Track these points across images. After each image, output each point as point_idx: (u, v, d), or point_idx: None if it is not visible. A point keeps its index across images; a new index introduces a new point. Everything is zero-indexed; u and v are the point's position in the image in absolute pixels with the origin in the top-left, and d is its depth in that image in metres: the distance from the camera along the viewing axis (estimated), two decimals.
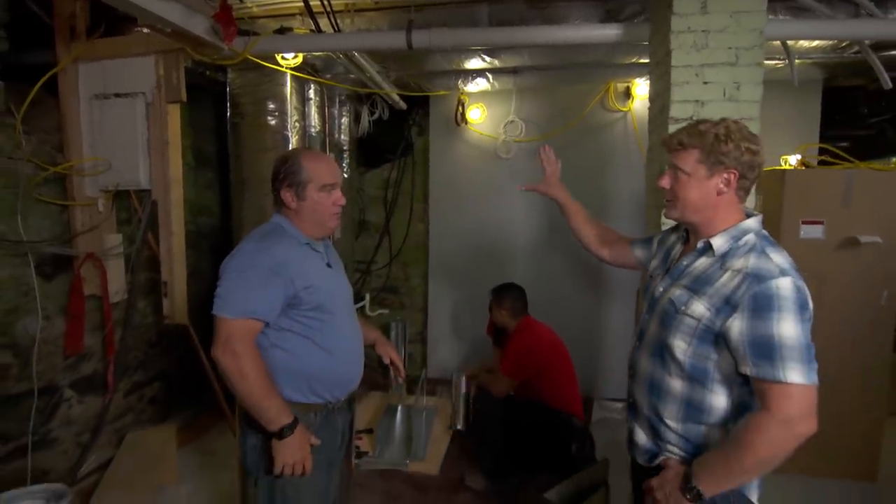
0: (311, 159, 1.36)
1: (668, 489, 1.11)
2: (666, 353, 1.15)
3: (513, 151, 3.50)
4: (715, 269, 1.10)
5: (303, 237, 1.37)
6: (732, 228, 1.11)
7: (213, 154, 3.38)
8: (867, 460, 2.62)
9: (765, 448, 1.00)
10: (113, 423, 2.64)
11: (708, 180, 1.10)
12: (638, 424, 1.25)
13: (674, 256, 1.26)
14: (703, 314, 1.07)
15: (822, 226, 2.58)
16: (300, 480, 1.32)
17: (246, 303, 1.24)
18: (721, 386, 1.10)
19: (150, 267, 2.71)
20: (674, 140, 1.14)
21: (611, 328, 3.47)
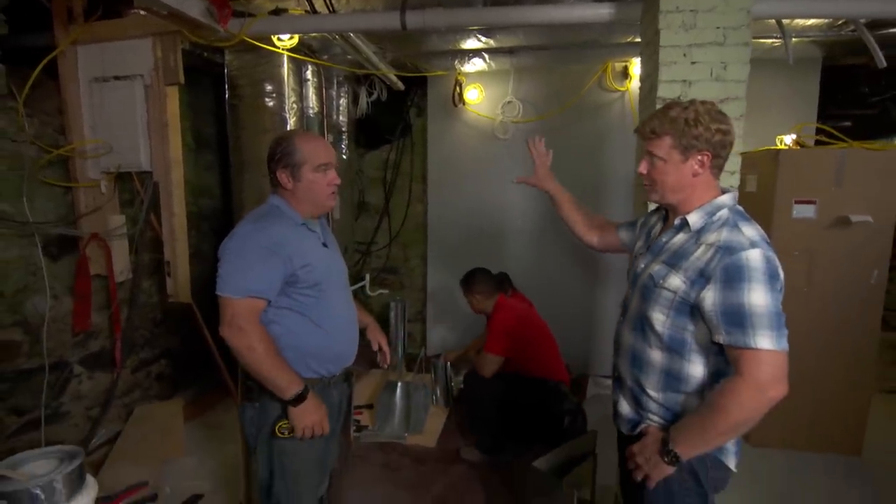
0: (305, 140, 1.38)
1: (648, 453, 1.17)
2: (646, 326, 1.20)
3: (510, 132, 3.51)
4: (690, 243, 1.15)
5: (299, 218, 1.39)
6: (707, 205, 1.16)
7: (212, 136, 3.41)
8: (853, 435, 2.68)
9: (737, 412, 1.04)
10: (121, 399, 2.74)
11: (683, 164, 1.15)
12: (622, 396, 1.30)
13: (654, 235, 1.31)
14: (679, 287, 1.13)
15: (815, 205, 2.60)
16: (297, 449, 1.38)
17: (246, 282, 1.28)
18: (697, 355, 1.15)
19: (153, 247, 2.78)
20: (646, 128, 1.19)
21: (605, 307, 3.52)
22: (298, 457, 1.41)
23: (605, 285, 3.54)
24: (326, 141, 1.45)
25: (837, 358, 2.62)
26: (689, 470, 1.16)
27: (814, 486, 2.42)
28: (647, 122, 1.19)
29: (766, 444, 2.69)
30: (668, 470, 1.14)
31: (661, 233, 1.27)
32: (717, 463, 1.18)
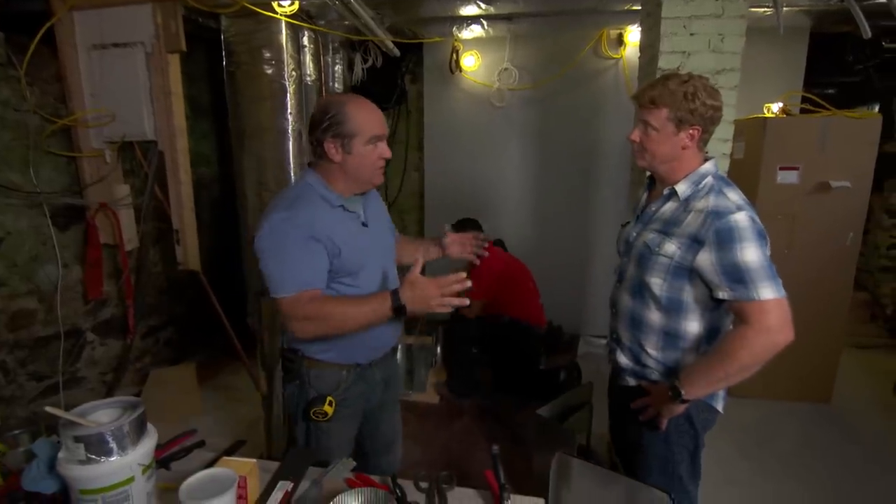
0: (358, 108, 1.24)
1: (659, 393, 1.28)
2: (644, 290, 1.28)
3: (506, 99, 3.54)
4: (680, 211, 1.23)
5: (335, 199, 1.27)
6: (693, 174, 1.24)
7: (208, 104, 3.39)
8: (824, 385, 2.91)
9: (746, 356, 1.13)
10: (133, 364, 2.82)
11: (675, 136, 1.21)
12: (621, 353, 1.39)
13: (641, 203, 1.39)
14: (675, 252, 1.21)
15: (798, 171, 2.73)
16: (330, 430, 1.38)
17: (295, 278, 1.21)
18: (693, 314, 1.25)
19: (157, 217, 2.81)
20: (645, 97, 1.23)
21: (596, 271, 3.67)
22: (331, 437, 1.41)
23: (595, 249, 3.67)
24: (378, 108, 1.29)
25: (812, 315, 2.80)
26: (684, 412, 1.29)
27: (788, 430, 2.64)
28: (647, 90, 1.23)
29: (746, 394, 2.90)
30: (678, 409, 1.25)
31: (649, 202, 1.35)
32: (707, 406, 1.32)
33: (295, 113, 2.75)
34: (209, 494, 0.94)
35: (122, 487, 0.98)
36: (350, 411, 1.42)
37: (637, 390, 1.35)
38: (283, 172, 2.77)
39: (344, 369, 1.37)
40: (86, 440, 0.95)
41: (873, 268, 3.81)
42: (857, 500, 2.17)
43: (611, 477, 1.24)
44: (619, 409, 1.46)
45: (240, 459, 1.11)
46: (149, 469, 1.03)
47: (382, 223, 1.44)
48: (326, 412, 1.34)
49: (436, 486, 1.08)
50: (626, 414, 1.37)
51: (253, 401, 2.81)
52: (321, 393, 1.35)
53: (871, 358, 3.41)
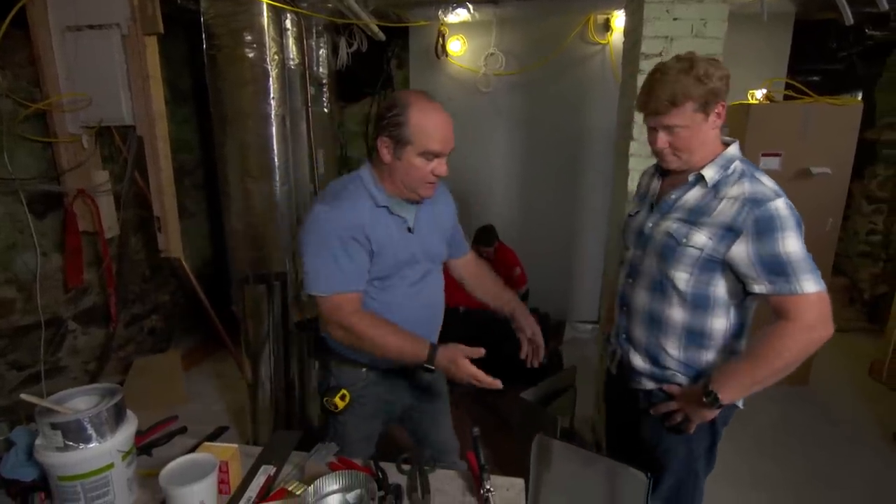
0: (423, 115, 1.14)
1: (688, 398, 1.19)
2: (667, 286, 1.18)
3: (493, 85, 3.52)
4: (709, 199, 1.13)
5: (382, 198, 1.21)
6: (719, 158, 1.14)
7: (188, 88, 3.33)
8: (801, 367, 2.92)
9: (788, 354, 1.05)
10: (116, 353, 2.80)
11: (705, 122, 1.12)
12: (636, 353, 1.28)
13: (653, 192, 1.27)
14: (706, 244, 1.11)
15: (780, 157, 2.76)
16: (345, 420, 1.37)
17: (336, 278, 1.17)
18: (721, 309, 1.16)
19: (138, 203, 2.77)
20: (660, 102, 1.11)
21: (582, 257, 3.69)
22: (347, 430, 1.39)
23: (582, 235, 3.70)
24: (447, 119, 1.18)
25: None
26: None
27: (766, 410, 2.71)
28: (658, 95, 1.11)
29: None
30: (711, 414, 1.16)
31: (665, 190, 1.24)
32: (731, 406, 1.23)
33: (278, 98, 2.71)
34: (190, 480, 0.94)
35: (101, 474, 0.98)
36: (369, 410, 1.39)
37: (655, 394, 1.27)
38: (266, 159, 2.73)
39: (364, 368, 1.35)
40: (63, 427, 0.95)
41: (852, 253, 3.89)
42: (832, 477, 2.23)
43: (590, 458, 1.27)
44: (629, 412, 1.36)
45: (221, 445, 1.11)
46: (129, 455, 1.03)
47: (436, 232, 1.33)
48: (337, 405, 1.33)
49: (417, 468, 1.09)
50: (642, 417, 1.30)
51: (239, 388, 2.81)
52: (339, 385, 1.35)
53: (849, 341, 3.49)
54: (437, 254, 1.35)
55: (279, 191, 2.75)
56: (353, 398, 1.35)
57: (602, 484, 1.21)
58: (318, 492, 0.90)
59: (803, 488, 2.17)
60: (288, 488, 1.01)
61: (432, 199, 1.29)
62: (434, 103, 1.17)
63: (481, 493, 1.04)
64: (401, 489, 1.05)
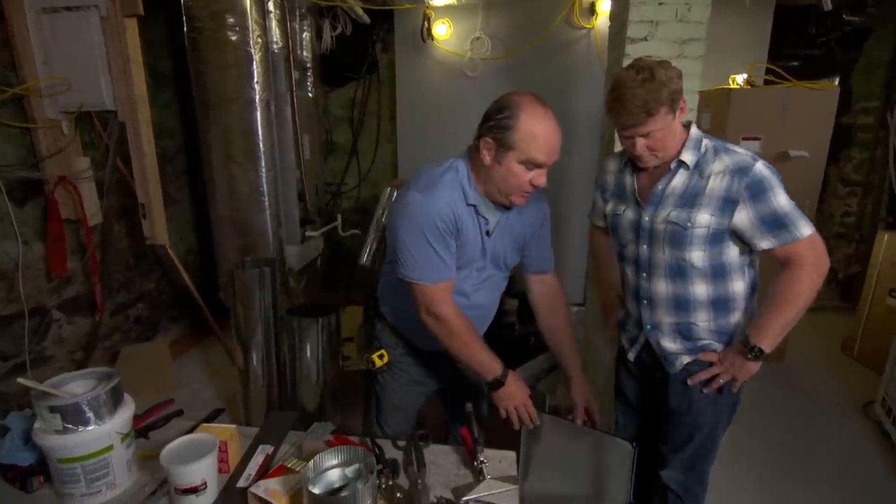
0: (534, 122, 1.11)
1: (731, 359, 1.27)
2: (685, 267, 1.26)
3: (479, 69, 3.52)
4: (696, 180, 1.22)
5: (473, 196, 1.20)
6: (690, 141, 1.24)
7: (169, 72, 3.26)
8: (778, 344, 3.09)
9: (808, 292, 1.18)
10: (103, 342, 2.77)
11: (674, 121, 1.21)
12: (665, 338, 1.35)
13: (631, 187, 1.33)
14: (710, 221, 1.20)
15: (760, 141, 2.82)
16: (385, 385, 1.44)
17: (438, 268, 1.19)
18: (737, 273, 1.26)
19: (121, 191, 2.72)
20: (638, 115, 1.16)
21: (567, 240, 3.72)
22: (385, 392, 1.45)
23: (568, 220, 3.74)
24: (556, 130, 1.15)
25: (769, 279, 2.95)
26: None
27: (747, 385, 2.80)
28: (630, 109, 1.16)
29: None
30: (755, 368, 1.25)
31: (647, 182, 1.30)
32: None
33: (262, 82, 2.68)
34: (190, 459, 0.96)
35: (101, 455, 0.99)
36: (406, 377, 1.45)
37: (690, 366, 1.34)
38: (251, 144, 2.71)
39: (400, 338, 1.42)
40: (62, 410, 0.96)
41: (827, 234, 4.01)
42: (807, 447, 2.34)
43: (577, 430, 1.31)
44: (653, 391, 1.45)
45: (220, 426, 1.13)
46: (127, 437, 1.05)
47: (509, 238, 1.31)
48: (374, 362, 1.40)
49: (413, 443, 1.13)
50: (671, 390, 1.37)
51: (228, 375, 2.82)
52: (380, 345, 1.43)
53: (823, 319, 3.62)
54: (505, 260, 1.33)
55: (265, 176, 2.73)
56: (391, 360, 1.42)
57: (589, 454, 1.26)
58: (317, 466, 0.92)
59: (780, 458, 2.27)
60: (287, 465, 1.04)
61: (514, 215, 1.28)
62: (546, 110, 1.14)
63: (475, 465, 1.08)
64: (397, 463, 1.09)
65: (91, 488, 0.99)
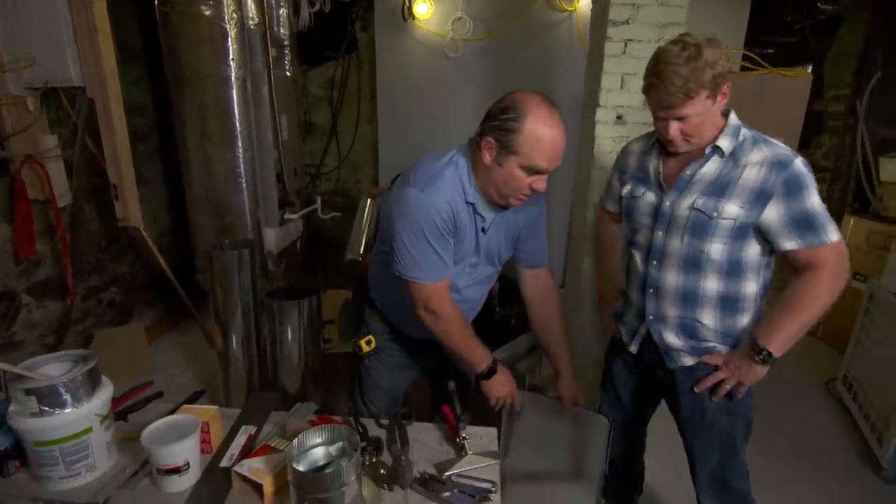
0: (539, 127, 1.07)
1: (736, 362, 1.22)
2: (701, 259, 1.20)
3: (461, 50, 3.48)
4: (730, 168, 1.15)
5: (472, 195, 1.18)
6: (728, 128, 1.15)
7: (139, 47, 3.13)
8: None
9: (826, 297, 1.14)
10: (75, 326, 2.71)
11: (714, 106, 1.12)
12: (667, 332, 1.29)
13: (656, 170, 1.26)
14: (738, 213, 1.13)
15: None
16: (370, 365, 1.44)
17: (433, 267, 1.17)
18: (752, 273, 1.20)
19: (92, 170, 2.63)
20: (675, 96, 1.08)
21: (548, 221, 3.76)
22: (370, 375, 1.45)
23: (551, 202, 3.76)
24: (562, 136, 1.11)
25: None
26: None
27: None
28: (670, 88, 1.08)
29: None
30: (762, 372, 1.20)
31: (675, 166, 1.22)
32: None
33: (238, 59, 2.61)
34: (172, 440, 0.96)
35: (80, 438, 0.98)
36: (394, 362, 1.46)
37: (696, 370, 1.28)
38: (227, 123, 2.64)
39: (388, 325, 1.42)
40: (37, 393, 0.94)
41: None
42: (774, 422, 2.44)
43: (556, 405, 1.35)
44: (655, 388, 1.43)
45: (201, 407, 1.13)
46: (106, 419, 1.04)
47: (504, 234, 1.30)
48: (362, 347, 1.40)
49: (396, 422, 1.14)
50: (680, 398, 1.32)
51: (206, 359, 2.79)
52: (368, 330, 1.43)
53: None
54: (499, 255, 1.33)
55: (242, 156, 2.68)
56: (378, 346, 1.42)
57: (568, 429, 1.30)
58: (302, 445, 0.93)
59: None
60: (271, 444, 1.04)
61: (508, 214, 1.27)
62: (553, 113, 1.10)
63: (457, 442, 1.10)
64: (380, 441, 1.10)
65: (70, 471, 0.98)
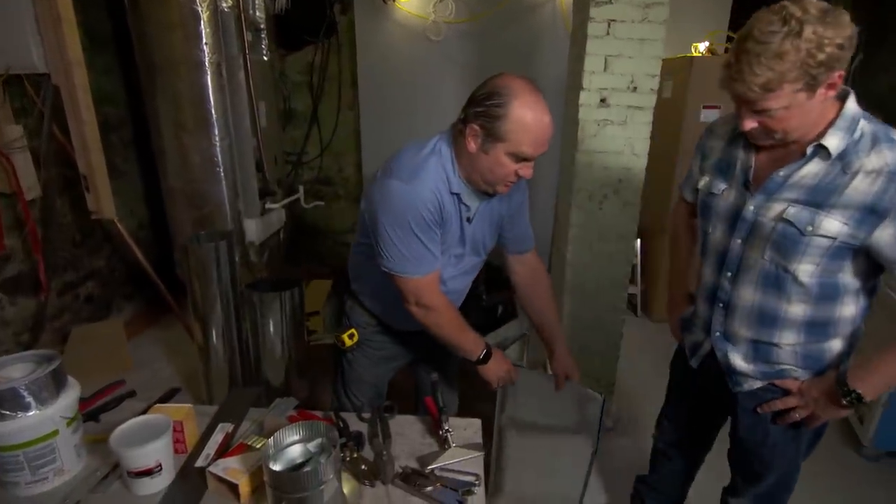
0: (526, 113, 1.03)
1: (815, 395, 1.03)
2: (785, 280, 1.00)
3: (443, 33, 3.40)
4: (836, 174, 0.92)
5: (456, 184, 1.14)
6: (840, 120, 0.91)
7: (107, 33, 3.01)
8: None
9: None
10: (52, 323, 2.63)
11: (811, 99, 0.87)
12: (736, 353, 1.12)
13: (743, 164, 1.04)
14: (840, 231, 0.91)
15: (719, 110, 2.87)
16: (352, 359, 1.41)
17: (422, 261, 1.13)
18: (850, 296, 1.01)
19: (61, 162, 2.54)
20: (749, 86, 0.87)
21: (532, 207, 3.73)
22: (353, 370, 1.43)
23: (532, 187, 3.74)
24: (549, 122, 1.07)
25: None
26: None
27: None
28: (747, 78, 0.86)
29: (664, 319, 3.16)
30: (843, 412, 1.02)
31: (768, 163, 1.01)
32: None
33: (211, 43, 2.52)
34: (142, 441, 0.92)
35: (45, 441, 0.94)
36: (378, 355, 1.43)
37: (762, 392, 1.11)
38: (202, 111, 2.56)
39: (373, 317, 1.38)
40: None
41: None
42: None
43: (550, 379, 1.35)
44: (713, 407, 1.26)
45: (174, 405, 1.09)
46: (74, 422, 1.00)
47: (488, 222, 1.27)
48: (344, 341, 1.37)
49: (378, 415, 1.12)
50: (739, 415, 1.16)
51: (189, 353, 2.73)
52: (350, 324, 1.38)
53: None
54: (484, 244, 1.30)
55: (219, 145, 2.60)
56: (361, 339, 1.38)
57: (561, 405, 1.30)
58: (278, 443, 0.90)
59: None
60: (247, 443, 1.01)
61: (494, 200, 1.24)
62: (539, 97, 1.05)
63: (440, 434, 1.08)
64: (362, 436, 1.08)
65: (36, 475, 0.95)
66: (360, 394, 1.45)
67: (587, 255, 2.08)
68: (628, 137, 1.95)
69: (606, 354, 2.17)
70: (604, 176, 2.00)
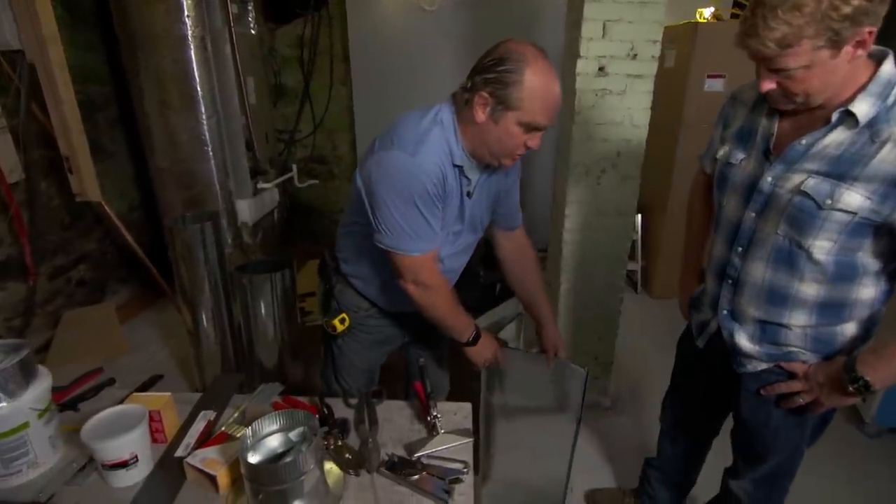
0: (538, 79, 0.98)
1: (821, 379, 0.98)
2: (799, 257, 0.93)
3: (437, 3, 3.27)
4: (863, 143, 0.84)
5: (459, 156, 1.08)
6: (873, 84, 0.83)
7: (89, 8, 2.90)
8: None
9: None
10: (44, 307, 2.60)
11: (835, 58, 0.80)
12: (742, 333, 1.07)
13: (765, 132, 0.97)
14: (861, 205, 0.84)
15: (724, 79, 2.76)
16: (342, 348, 1.37)
17: (423, 237, 1.08)
18: (869, 277, 0.94)
19: (45, 143, 2.47)
20: (766, 44, 0.80)
21: (530, 183, 3.67)
22: (344, 355, 1.39)
23: (530, 161, 3.66)
24: (559, 91, 1.02)
25: None
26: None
27: None
28: (761, 33, 0.79)
29: (670, 295, 3.12)
30: (852, 400, 0.97)
31: (790, 130, 0.94)
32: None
33: (194, 16, 2.41)
34: (116, 433, 0.89)
35: (16, 434, 0.91)
36: (369, 339, 1.38)
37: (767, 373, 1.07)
38: (188, 87, 2.47)
39: (364, 299, 1.32)
40: None
41: None
42: None
43: (537, 358, 1.33)
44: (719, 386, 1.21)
45: (153, 394, 1.06)
46: (46, 412, 0.96)
47: (485, 198, 1.22)
48: (335, 326, 1.32)
49: (365, 401, 1.08)
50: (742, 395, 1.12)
51: (183, 335, 2.70)
52: (339, 308, 1.32)
53: None
54: (481, 221, 1.26)
55: (206, 123, 2.52)
56: (352, 324, 1.33)
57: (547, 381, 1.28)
58: (256, 433, 0.86)
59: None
60: (228, 432, 0.98)
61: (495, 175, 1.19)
62: (551, 66, 1.00)
63: (429, 420, 1.04)
64: (347, 423, 1.04)
65: (9, 468, 0.91)
66: (351, 380, 1.41)
67: (585, 230, 2.02)
68: (628, 108, 1.87)
69: (605, 332, 2.13)
70: (602, 149, 1.92)
